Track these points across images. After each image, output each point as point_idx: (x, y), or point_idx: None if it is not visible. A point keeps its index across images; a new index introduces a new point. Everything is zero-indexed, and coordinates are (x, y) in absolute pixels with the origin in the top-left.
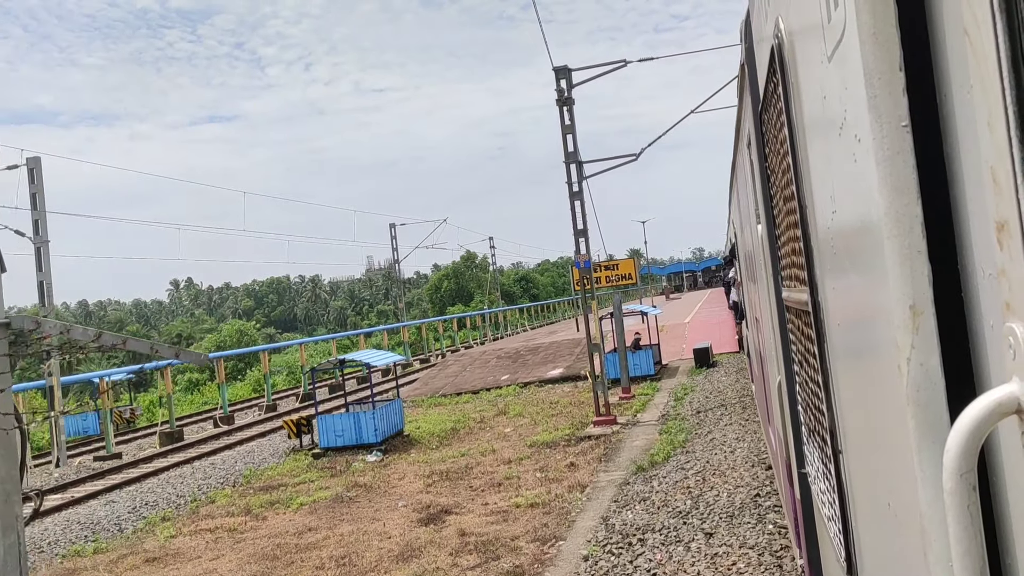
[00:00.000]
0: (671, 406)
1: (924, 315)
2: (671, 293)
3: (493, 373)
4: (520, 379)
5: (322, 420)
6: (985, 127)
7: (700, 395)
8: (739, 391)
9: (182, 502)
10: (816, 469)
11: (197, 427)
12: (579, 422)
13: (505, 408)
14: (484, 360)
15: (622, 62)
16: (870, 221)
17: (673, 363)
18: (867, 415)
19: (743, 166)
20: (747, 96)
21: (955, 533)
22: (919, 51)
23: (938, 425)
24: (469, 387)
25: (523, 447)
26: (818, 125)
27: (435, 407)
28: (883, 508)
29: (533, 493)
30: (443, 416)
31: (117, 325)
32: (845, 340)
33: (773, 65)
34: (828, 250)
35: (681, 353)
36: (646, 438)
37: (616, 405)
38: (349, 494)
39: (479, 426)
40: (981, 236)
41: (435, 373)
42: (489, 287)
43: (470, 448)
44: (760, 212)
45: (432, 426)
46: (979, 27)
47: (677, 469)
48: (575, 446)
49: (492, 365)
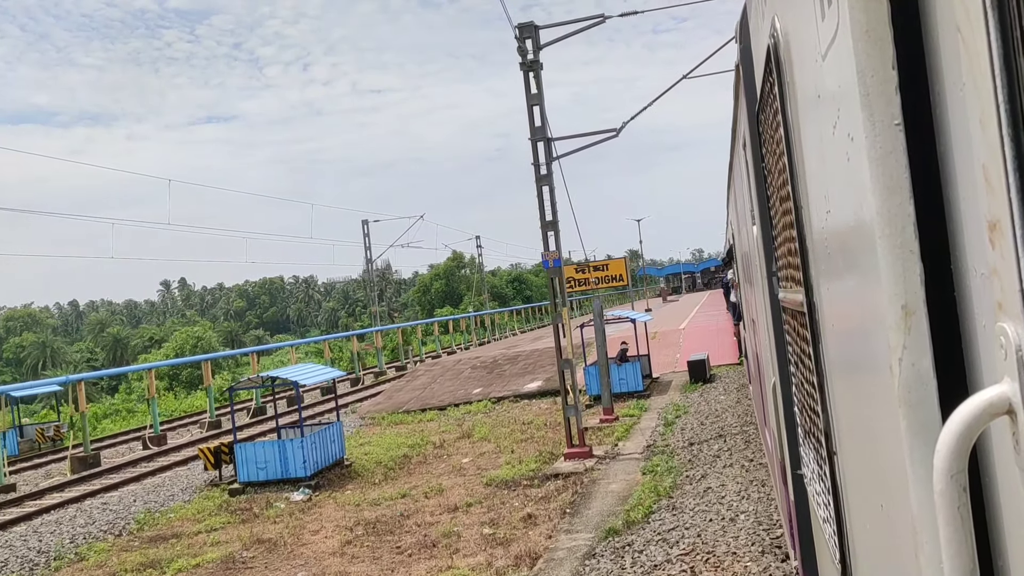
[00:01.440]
0: (659, 433)
1: (916, 315)
2: (668, 295)
3: (465, 386)
4: (494, 393)
5: (241, 449)
6: (977, 125)
7: (694, 419)
8: (741, 415)
9: (42, 560)
10: (811, 471)
11: (125, 448)
12: (549, 452)
13: (470, 429)
14: (457, 371)
15: (600, 17)
16: (863, 221)
17: (665, 376)
18: (861, 416)
19: (739, 167)
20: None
21: (945, 534)
22: (912, 49)
23: (930, 426)
24: (436, 402)
25: (478, 485)
26: (812, 124)
27: (394, 426)
28: (876, 509)
29: (469, 565)
30: (399, 439)
31: (98, 327)
32: (839, 341)
33: (769, 65)
34: (823, 250)
35: (675, 364)
36: (625, 479)
37: (595, 430)
38: (245, 554)
39: (436, 453)
40: (974, 235)
41: (402, 385)
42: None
43: (415, 486)
44: (756, 213)
45: (382, 452)
46: (971, 24)
47: (658, 539)
48: (539, 487)
49: (465, 376)
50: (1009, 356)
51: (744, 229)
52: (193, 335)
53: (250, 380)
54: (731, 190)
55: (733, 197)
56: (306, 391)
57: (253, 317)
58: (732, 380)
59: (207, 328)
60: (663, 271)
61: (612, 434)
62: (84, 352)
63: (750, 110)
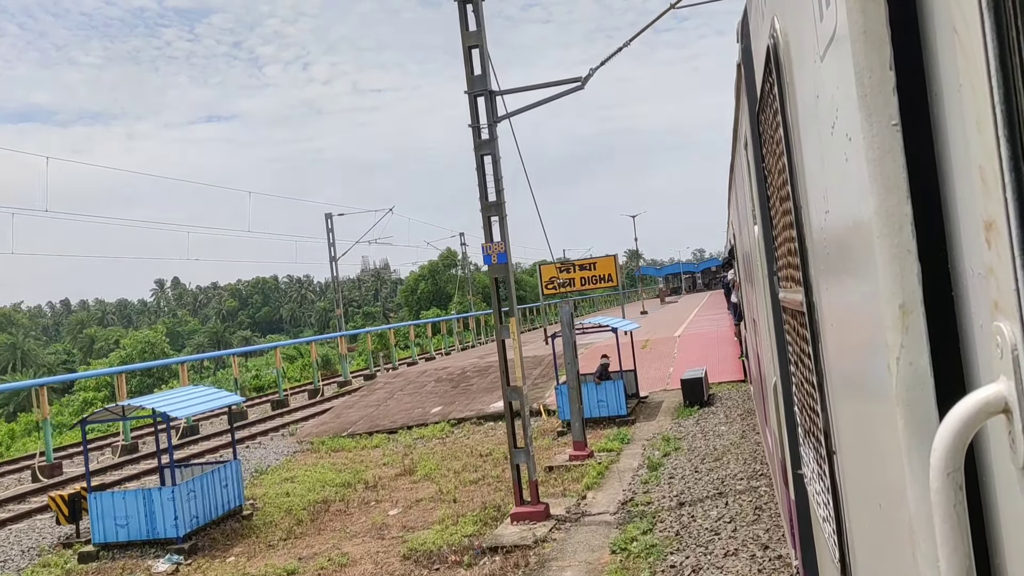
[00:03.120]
0: (640, 480)
1: (914, 314)
2: (667, 296)
3: (424, 403)
4: (454, 413)
5: (96, 500)
6: (974, 126)
7: (686, 460)
8: (747, 460)
9: None
10: (812, 470)
11: (14, 478)
12: (498, 504)
13: (415, 464)
14: (419, 384)
15: None
16: (861, 220)
17: (655, 396)
18: (860, 415)
19: (740, 167)
20: (743, 96)
21: (942, 533)
22: (910, 50)
23: (927, 425)
24: (388, 423)
25: (394, 557)
26: (811, 124)
27: (333, 454)
28: (875, 508)
29: None
30: (328, 474)
31: (78, 326)
32: (838, 340)
33: (769, 65)
34: (822, 250)
35: (667, 380)
36: (587, 560)
37: (561, 471)
38: None
39: (363, 498)
40: (971, 235)
41: (354, 401)
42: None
43: (317, 552)
44: (757, 212)
45: (302, 493)
46: (967, 25)
47: None
48: (469, 567)
49: (427, 392)
50: (1005, 355)
51: (745, 229)
52: (142, 340)
53: (107, 411)
54: (732, 190)
55: (734, 197)
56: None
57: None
58: (735, 403)
59: (159, 332)
60: (662, 271)
61: (582, 478)
62: (60, 354)
63: (751, 110)
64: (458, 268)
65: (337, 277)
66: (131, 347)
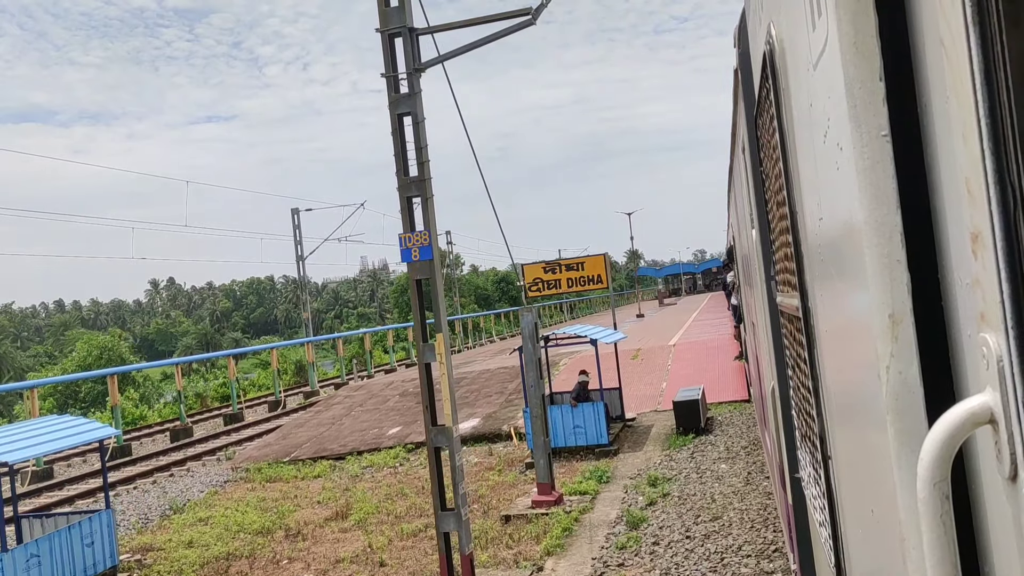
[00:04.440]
0: (617, 546)
1: (903, 324)
2: (665, 298)
3: (382, 422)
4: (413, 435)
5: None
6: (960, 138)
7: (676, 516)
8: (755, 524)
9: None
10: (808, 474)
11: None
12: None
13: (350, 504)
14: (382, 398)
15: None
16: (852, 229)
17: (644, 418)
18: (853, 422)
19: (739, 170)
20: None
21: (928, 541)
22: (899, 61)
23: (916, 433)
24: (337, 447)
25: None
26: (806, 132)
27: (268, 484)
28: (867, 514)
29: None
30: (249, 515)
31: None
32: (832, 346)
33: (765, 71)
34: (816, 256)
35: (659, 399)
36: None
37: (519, 523)
38: None
39: (277, 552)
40: (959, 246)
41: (306, 419)
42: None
43: None
44: (754, 216)
45: (206, 544)
46: (953, 38)
47: None
48: None
49: (388, 408)
50: (991, 366)
51: (744, 232)
52: (98, 345)
53: None
54: (731, 192)
55: (733, 199)
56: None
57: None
58: (738, 431)
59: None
60: (661, 272)
61: (543, 534)
62: (41, 356)
63: (748, 114)
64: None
65: (304, 277)
66: (85, 352)
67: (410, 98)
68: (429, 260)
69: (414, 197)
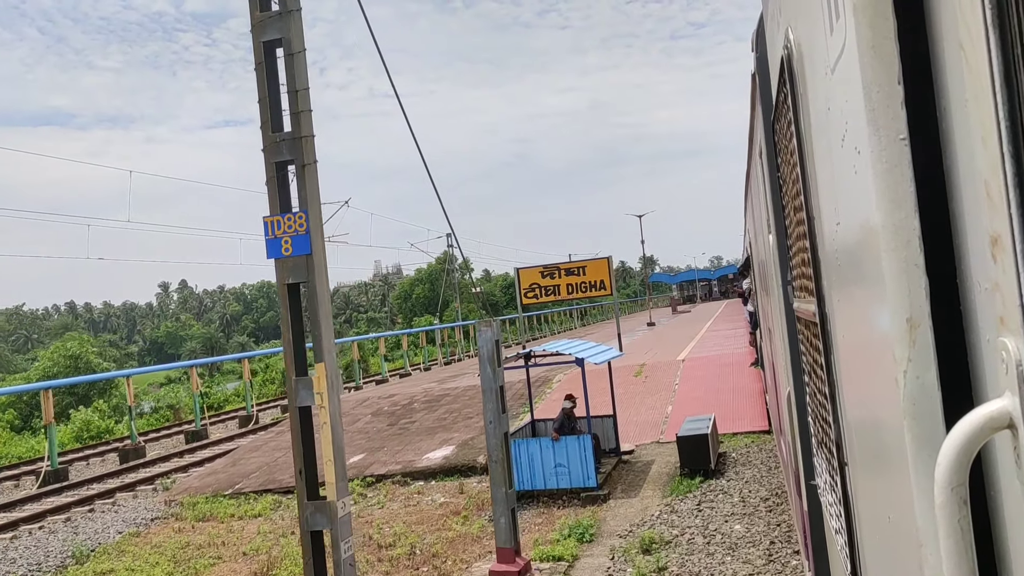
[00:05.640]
0: None
1: (921, 328)
2: (679, 305)
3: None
4: (375, 466)
5: None
6: (979, 141)
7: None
8: None
9: None
10: (824, 481)
11: None
12: None
13: (275, 562)
14: (353, 418)
15: None
16: (870, 233)
17: (643, 451)
18: (869, 428)
19: (756, 175)
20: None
21: (946, 548)
22: (918, 64)
23: (933, 439)
24: (288, 478)
25: None
26: (823, 136)
27: (195, 527)
28: (884, 521)
29: None
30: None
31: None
32: (849, 351)
33: (783, 75)
34: (833, 261)
35: (662, 426)
36: None
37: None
38: None
39: None
40: (978, 250)
41: (265, 440)
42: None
43: None
44: (771, 221)
45: None
46: (973, 41)
47: None
48: None
49: (356, 429)
50: (1010, 371)
51: (760, 237)
52: (65, 352)
53: None
54: (748, 198)
55: (750, 205)
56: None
57: (249, 322)
58: (757, 474)
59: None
60: (676, 278)
61: None
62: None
63: (766, 119)
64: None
65: None
66: (51, 360)
67: (282, 19)
68: (307, 255)
69: (287, 163)
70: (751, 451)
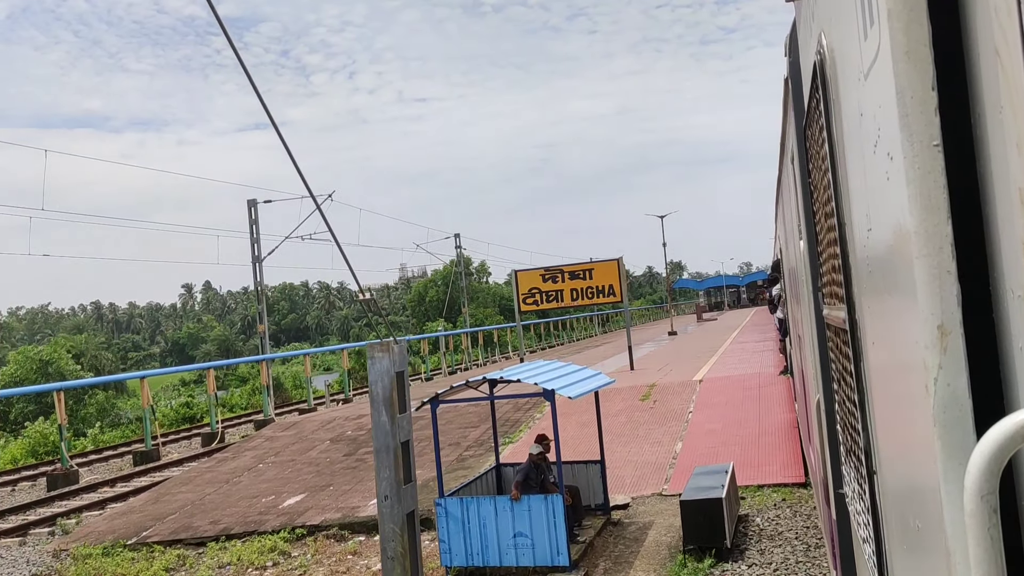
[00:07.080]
0: None
1: (952, 335)
2: (705, 312)
3: (287, 485)
4: (312, 512)
5: None
6: (1014, 147)
7: None
8: None
9: None
10: (852, 490)
11: None
12: None
13: None
14: (309, 444)
15: None
16: (902, 240)
17: (641, 506)
18: (899, 436)
19: (787, 181)
20: (791, 111)
21: (975, 555)
22: (952, 71)
23: (964, 447)
24: (207, 524)
25: None
26: (855, 142)
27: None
28: (913, 529)
29: None
30: None
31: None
32: (879, 359)
33: (816, 81)
34: (864, 268)
35: (667, 472)
36: None
37: None
38: None
39: None
40: (1011, 257)
41: (199, 472)
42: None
43: None
44: (803, 228)
45: None
46: (1009, 48)
47: None
48: None
49: (307, 459)
50: None
51: (791, 243)
52: (36, 358)
53: None
54: (779, 203)
55: (781, 211)
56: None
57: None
58: (793, 554)
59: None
60: (703, 284)
61: None
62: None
63: (798, 124)
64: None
65: (261, 281)
66: (18, 365)
67: None
68: None
69: None
70: (782, 515)
